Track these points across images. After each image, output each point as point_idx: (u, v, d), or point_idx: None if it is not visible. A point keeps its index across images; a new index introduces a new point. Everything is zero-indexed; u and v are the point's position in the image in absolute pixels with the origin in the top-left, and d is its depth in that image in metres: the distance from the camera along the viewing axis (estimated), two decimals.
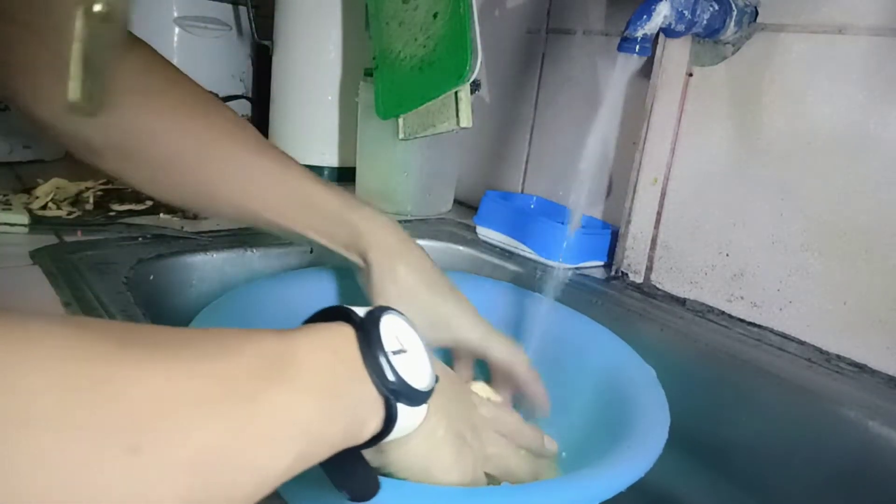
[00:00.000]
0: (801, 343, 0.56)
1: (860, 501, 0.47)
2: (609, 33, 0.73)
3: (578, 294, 0.64)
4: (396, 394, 0.28)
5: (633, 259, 0.68)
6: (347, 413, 0.27)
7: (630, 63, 0.53)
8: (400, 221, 0.80)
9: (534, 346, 0.54)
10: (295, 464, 0.25)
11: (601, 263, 0.72)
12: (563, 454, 0.47)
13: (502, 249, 0.74)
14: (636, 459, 0.37)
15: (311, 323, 0.30)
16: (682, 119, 0.63)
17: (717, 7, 0.55)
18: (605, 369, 0.50)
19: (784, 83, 0.56)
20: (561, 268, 0.63)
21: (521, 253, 0.71)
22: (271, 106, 0.99)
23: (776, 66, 0.56)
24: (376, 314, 0.29)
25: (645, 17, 0.51)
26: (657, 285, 0.66)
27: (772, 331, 0.57)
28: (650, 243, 0.66)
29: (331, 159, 0.97)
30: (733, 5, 0.56)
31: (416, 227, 0.79)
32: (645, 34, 0.52)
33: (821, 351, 0.54)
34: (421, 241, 0.75)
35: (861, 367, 0.52)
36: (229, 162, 0.48)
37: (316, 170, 0.96)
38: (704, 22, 0.55)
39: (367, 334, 0.28)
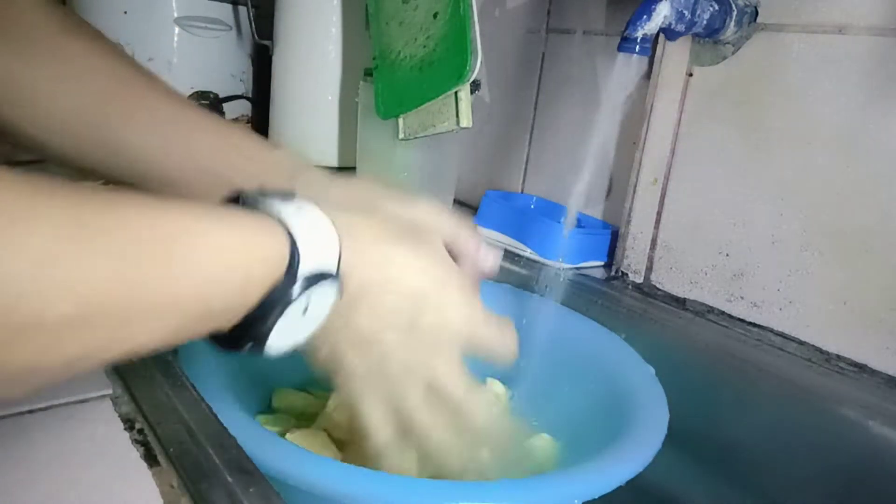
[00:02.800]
0: (801, 343, 0.56)
1: (860, 501, 0.47)
2: (609, 33, 0.73)
3: (578, 294, 0.64)
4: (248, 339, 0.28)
5: (633, 259, 0.68)
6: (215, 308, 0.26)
7: (630, 63, 0.53)
8: None
9: (534, 346, 0.54)
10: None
11: (601, 263, 0.72)
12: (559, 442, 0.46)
13: (502, 249, 0.74)
14: (635, 454, 0.37)
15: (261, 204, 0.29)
16: (682, 119, 0.63)
17: (717, 7, 0.55)
18: (604, 368, 0.50)
19: (784, 83, 0.56)
20: (561, 268, 0.63)
21: (522, 253, 0.71)
22: (271, 106, 0.99)
23: (776, 66, 0.56)
24: (317, 277, 0.28)
25: (645, 17, 0.51)
26: (657, 285, 0.66)
27: (772, 331, 0.57)
28: (650, 243, 0.66)
29: (331, 159, 0.97)
30: (733, 5, 0.56)
31: None
32: (645, 34, 0.52)
33: (821, 351, 0.54)
34: None
35: (861, 367, 0.52)
36: (142, 107, 0.42)
37: None
38: (704, 22, 0.55)
39: (284, 290, 0.27)
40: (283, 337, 0.28)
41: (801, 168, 0.55)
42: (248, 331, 0.27)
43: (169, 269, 0.24)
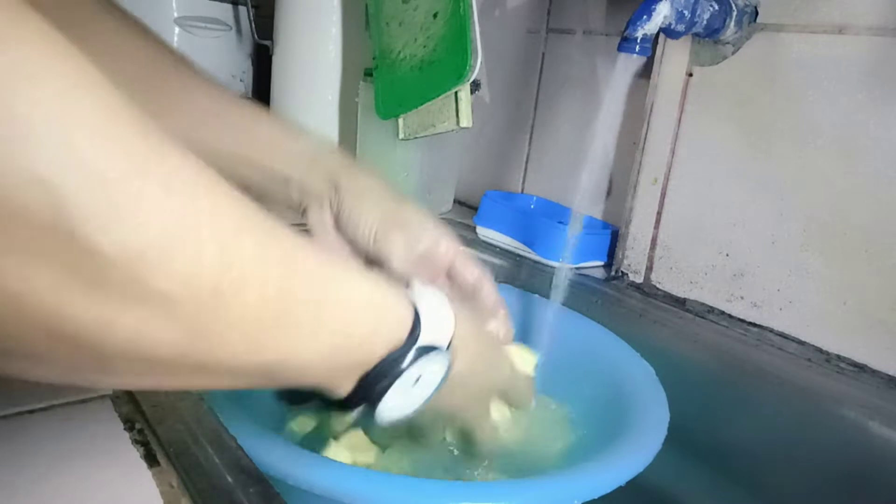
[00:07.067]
0: (801, 343, 0.56)
1: (860, 501, 0.47)
2: (609, 33, 0.73)
3: (578, 294, 0.64)
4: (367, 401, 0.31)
5: (633, 259, 0.68)
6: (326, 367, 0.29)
7: (630, 63, 0.53)
8: None
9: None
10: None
11: (601, 263, 0.72)
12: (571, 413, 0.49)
13: (502, 250, 0.74)
14: (635, 454, 0.37)
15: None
16: (682, 119, 0.63)
17: (717, 7, 0.55)
18: (604, 369, 0.50)
19: (784, 83, 0.56)
20: (561, 268, 0.62)
21: (522, 253, 0.71)
22: (271, 106, 0.99)
23: (776, 66, 0.56)
24: (429, 349, 0.31)
25: (645, 17, 0.51)
26: (657, 285, 0.66)
27: (772, 331, 0.57)
28: (650, 243, 0.66)
29: None
30: (733, 5, 0.56)
31: None
32: (645, 34, 0.52)
33: (821, 351, 0.54)
34: None
35: (861, 367, 0.52)
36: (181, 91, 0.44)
37: None
38: (704, 22, 0.55)
39: (401, 355, 0.30)
40: (395, 401, 0.31)
41: (801, 168, 0.55)
42: (364, 391, 0.30)
43: (326, 304, 0.27)
